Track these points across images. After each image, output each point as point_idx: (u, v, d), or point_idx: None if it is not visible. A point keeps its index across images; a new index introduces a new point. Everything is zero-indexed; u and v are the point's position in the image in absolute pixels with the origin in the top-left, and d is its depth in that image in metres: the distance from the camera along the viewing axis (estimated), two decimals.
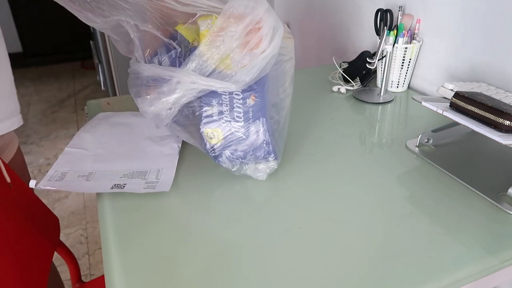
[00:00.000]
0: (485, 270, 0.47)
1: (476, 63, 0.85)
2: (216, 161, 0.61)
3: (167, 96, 0.58)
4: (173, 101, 0.58)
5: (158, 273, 0.46)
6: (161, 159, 0.67)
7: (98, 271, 1.48)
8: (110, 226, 0.54)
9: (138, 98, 0.60)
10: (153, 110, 0.59)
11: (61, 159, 0.66)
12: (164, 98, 0.58)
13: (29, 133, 2.46)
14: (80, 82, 3.23)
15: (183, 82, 0.57)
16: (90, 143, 0.71)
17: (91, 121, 0.79)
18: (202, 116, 0.60)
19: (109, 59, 1.97)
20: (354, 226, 0.54)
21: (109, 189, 0.58)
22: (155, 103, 0.59)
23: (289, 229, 0.53)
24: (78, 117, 2.66)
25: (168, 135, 0.74)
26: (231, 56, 0.55)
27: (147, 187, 0.59)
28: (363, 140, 0.75)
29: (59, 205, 1.82)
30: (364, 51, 0.99)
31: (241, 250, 0.50)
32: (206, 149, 0.61)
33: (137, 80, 0.60)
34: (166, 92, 0.58)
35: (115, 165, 0.65)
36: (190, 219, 0.55)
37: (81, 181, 0.60)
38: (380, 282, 0.45)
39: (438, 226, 0.54)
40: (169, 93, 0.58)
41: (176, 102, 0.58)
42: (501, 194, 0.60)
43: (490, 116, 0.58)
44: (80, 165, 0.64)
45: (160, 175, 0.63)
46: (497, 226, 0.54)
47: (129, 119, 0.80)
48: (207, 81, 0.55)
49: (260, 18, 0.54)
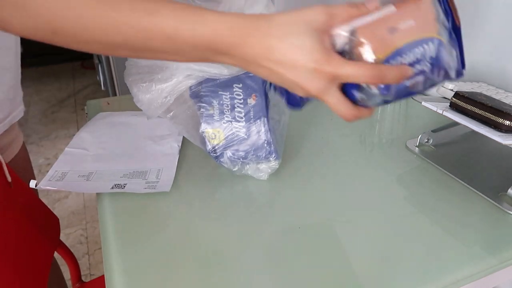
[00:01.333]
0: (485, 270, 0.47)
1: (476, 63, 0.85)
2: (218, 162, 0.61)
3: (163, 83, 0.58)
4: (169, 89, 0.58)
5: (158, 273, 0.46)
6: (161, 159, 0.67)
7: (98, 271, 1.48)
8: (110, 226, 0.54)
9: (134, 86, 0.60)
10: (148, 98, 0.58)
11: (61, 159, 0.66)
12: (160, 85, 0.58)
13: (29, 133, 2.46)
14: (80, 82, 3.23)
15: (179, 68, 0.58)
16: (90, 143, 0.71)
17: (91, 121, 0.79)
18: (203, 116, 0.60)
19: (109, 59, 1.97)
20: (354, 226, 0.54)
21: (109, 189, 0.58)
22: (150, 90, 0.58)
23: (289, 228, 0.53)
24: (78, 117, 2.66)
25: (168, 134, 0.74)
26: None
27: (147, 187, 0.59)
28: (363, 140, 0.75)
29: (59, 205, 1.82)
30: None
31: (242, 250, 0.50)
32: (208, 149, 0.61)
33: (133, 69, 0.60)
34: (161, 79, 0.58)
35: (115, 165, 0.65)
36: (190, 219, 0.55)
37: (81, 181, 0.60)
38: (380, 282, 0.45)
39: (438, 226, 0.54)
40: (165, 80, 0.58)
41: (172, 90, 0.58)
42: (501, 194, 0.60)
43: (490, 116, 0.58)
44: (80, 165, 0.64)
45: (160, 175, 0.63)
46: (497, 226, 0.54)
47: (129, 119, 0.80)
48: (201, 66, 0.56)
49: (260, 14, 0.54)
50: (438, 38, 0.36)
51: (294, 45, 0.35)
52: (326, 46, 0.36)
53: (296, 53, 0.35)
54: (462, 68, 0.37)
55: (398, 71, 0.36)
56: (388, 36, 0.36)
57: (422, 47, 0.36)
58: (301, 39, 0.35)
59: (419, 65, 0.36)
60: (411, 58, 0.36)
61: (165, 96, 0.58)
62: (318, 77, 0.36)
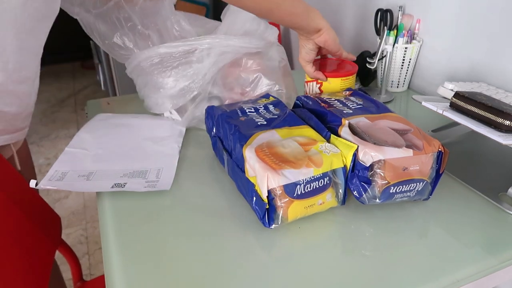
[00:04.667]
0: (485, 270, 0.47)
1: (476, 63, 0.85)
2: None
3: (199, 64, 0.71)
4: (207, 67, 0.71)
5: (158, 273, 0.46)
6: (161, 159, 0.67)
7: (98, 271, 1.48)
8: (110, 226, 0.54)
9: (159, 80, 0.73)
10: (179, 84, 0.72)
11: (61, 159, 0.66)
12: (195, 65, 0.71)
13: (29, 133, 2.44)
14: (80, 82, 3.23)
15: (214, 46, 0.70)
16: (90, 143, 0.71)
17: (90, 121, 0.79)
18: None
19: (109, 59, 1.97)
20: (353, 225, 0.54)
21: (109, 188, 0.58)
22: (180, 77, 0.72)
23: (289, 228, 0.53)
24: (78, 117, 2.66)
25: (169, 136, 0.74)
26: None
27: (147, 186, 0.59)
28: None
29: (59, 205, 1.82)
30: (364, 51, 0.99)
31: (242, 250, 0.50)
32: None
33: (148, 67, 0.72)
34: (196, 60, 0.71)
35: (116, 165, 0.65)
36: (190, 219, 0.55)
37: (81, 180, 0.60)
38: (380, 282, 0.45)
39: (438, 226, 0.54)
40: (200, 61, 0.71)
41: (209, 69, 0.71)
42: (501, 194, 0.60)
43: (490, 116, 0.58)
44: (80, 165, 0.64)
45: (160, 174, 0.63)
46: (497, 226, 0.54)
47: (129, 121, 0.80)
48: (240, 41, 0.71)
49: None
50: (426, 180, 0.54)
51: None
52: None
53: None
54: (430, 195, 0.57)
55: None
56: (401, 172, 0.52)
57: (415, 183, 0.54)
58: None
59: (409, 192, 0.54)
60: (407, 187, 0.53)
61: (203, 75, 0.72)
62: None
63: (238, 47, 0.70)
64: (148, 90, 0.77)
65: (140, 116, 0.81)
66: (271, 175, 0.48)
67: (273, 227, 0.51)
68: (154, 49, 0.72)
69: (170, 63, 0.72)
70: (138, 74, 0.77)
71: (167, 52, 0.71)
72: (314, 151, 0.52)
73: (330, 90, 0.79)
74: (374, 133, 0.55)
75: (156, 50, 0.72)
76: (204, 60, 0.70)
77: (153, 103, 0.77)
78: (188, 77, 0.72)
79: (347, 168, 0.52)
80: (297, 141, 0.54)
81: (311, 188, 0.50)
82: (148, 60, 0.73)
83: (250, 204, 0.53)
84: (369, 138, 0.53)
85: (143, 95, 0.79)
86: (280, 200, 0.49)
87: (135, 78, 0.80)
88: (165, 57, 0.72)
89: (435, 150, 0.53)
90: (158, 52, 0.72)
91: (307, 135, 0.56)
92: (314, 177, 0.50)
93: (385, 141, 0.53)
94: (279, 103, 0.66)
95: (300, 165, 0.49)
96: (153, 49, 0.72)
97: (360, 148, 0.52)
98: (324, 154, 0.51)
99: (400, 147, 0.52)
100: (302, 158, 0.50)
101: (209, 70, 0.71)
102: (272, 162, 0.50)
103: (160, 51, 0.71)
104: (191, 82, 0.72)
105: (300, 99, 0.69)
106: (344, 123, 0.57)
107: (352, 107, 0.63)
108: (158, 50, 0.72)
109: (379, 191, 0.52)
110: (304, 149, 0.52)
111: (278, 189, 0.48)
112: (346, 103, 0.65)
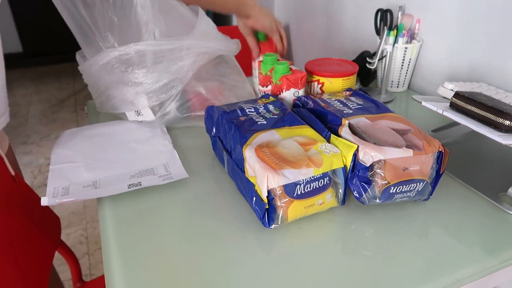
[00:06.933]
0: (485, 270, 0.47)
1: (476, 63, 0.85)
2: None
3: (180, 62, 0.72)
4: (188, 64, 0.73)
5: (158, 273, 0.46)
6: (160, 156, 0.67)
7: (98, 271, 1.48)
8: (110, 226, 0.54)
9: (140, 76, 0.72)
10: (166, 76, 0.72)
11: (52, 176, 0.63)
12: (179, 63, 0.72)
13: (29, 133, 2.46)
14: (80, 82, 3.23)
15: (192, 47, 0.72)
16: (73, 156, 0.68)
17: (59, 139, 0.75)
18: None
19: None
20: (354, 226, 0.54)
21: (127, 189, 0.58)
22: (164, 73, 0.72)
23: (289, 228, 0.53)
24: (78, 117, 2.66)
25: (152, 136, 0.74)
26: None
27: (165, 179, 0.60)
28: None
29: (59, 205, 1.82)
30: (364, 51, 0.99)
31: (242, 250, 0.50)
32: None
33: (121, 65, 0.71)
34: (175, 59, 0.71)
35: (116, 170, 0.64)
36: (190, 219, 0.55)
37: (89, 190, 0.59)
38: (380, 282, 0.45)
39: (438, 226, 0.54)
40: (179, 60, 0.72)
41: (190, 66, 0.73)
42: (501, 194, 0.60)
43: (490, 116, 0.58)
44: (76, 177, 0.62)
45: (169, 168, 0.64)
46: (497, 226, 0.54)
47: (101, 130, 0.78)
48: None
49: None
50: (426, 181, 0.54)
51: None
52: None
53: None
54: (430, 195, 0.57)
55: None
56: (401, 172, 0.52)
57: (415, 183, 0.54)
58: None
59: (409, 192, 0.54)
60: (407, 188, 0.54)
61: (186, 71, 0.74)
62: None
63: (215, 49, 0.77)
64: (115, 90, 0.74)
65: (110, 123, 0.80)
66: (271, 175, 0.48)
67: (273, 227, 0.51)
68: (131, 47, 0.70)
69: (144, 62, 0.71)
70: (100, 75, 0.75)
71: (140, 50, 0.70)
72: (314, 151, 0.52)
73: (332, 90, 0.79)
74: (374, 133, 0.55)
75: (127, 50, 0.70)
76: (185, 59, 0.72)
77: (122, 101, 0.75)
78: (171, 73, 0.72)
79: (347, 168, 0.52)
80: (297, 141, 0.54)
81: (311, 188, 0.50)
82: (118, 59, 0.70)
83: (250, 204, 0.53)
84: (369, 138, 0.53)
85: (109, 96, 0.76)
86: (280, 200, 0.49)
87: (96, 81, 0.77)
88: (139, 55, 0.70)
89: (435, 150, 0.53)
90: (134, 49, 0.69)
91: (307, 135, 0.56)
92: (314, 177, 0.50)
93: (385, 141, 0.53)
94: (279, 103, 0.66)
95: (300, 165, 0.49)
96: (128, 47, 0.70)
97: (360, 148, 0.52)
98: (324, 154, 0.51)
99: (400, 147, 0.52)
100: (302, 158, 0.50)
101: (190, 67, 0.73)
102: (272, 162, 0.50)
103: (129, 50, 0.70)
104: (173, 80, 0.72)
105: (300, 99, 0.69)
106: (344, 123, 0.57)
107: (352, 107, 0.63)
108: (129, 49, 0.70)
109: (379, 191, 0.52)
110: (304, 149, 0.52)
111: (278, 189, 0.49)
112: (346, 103, 0.65)
